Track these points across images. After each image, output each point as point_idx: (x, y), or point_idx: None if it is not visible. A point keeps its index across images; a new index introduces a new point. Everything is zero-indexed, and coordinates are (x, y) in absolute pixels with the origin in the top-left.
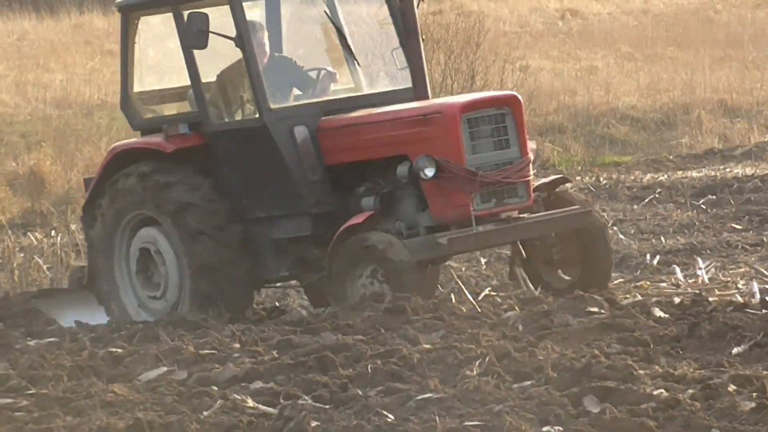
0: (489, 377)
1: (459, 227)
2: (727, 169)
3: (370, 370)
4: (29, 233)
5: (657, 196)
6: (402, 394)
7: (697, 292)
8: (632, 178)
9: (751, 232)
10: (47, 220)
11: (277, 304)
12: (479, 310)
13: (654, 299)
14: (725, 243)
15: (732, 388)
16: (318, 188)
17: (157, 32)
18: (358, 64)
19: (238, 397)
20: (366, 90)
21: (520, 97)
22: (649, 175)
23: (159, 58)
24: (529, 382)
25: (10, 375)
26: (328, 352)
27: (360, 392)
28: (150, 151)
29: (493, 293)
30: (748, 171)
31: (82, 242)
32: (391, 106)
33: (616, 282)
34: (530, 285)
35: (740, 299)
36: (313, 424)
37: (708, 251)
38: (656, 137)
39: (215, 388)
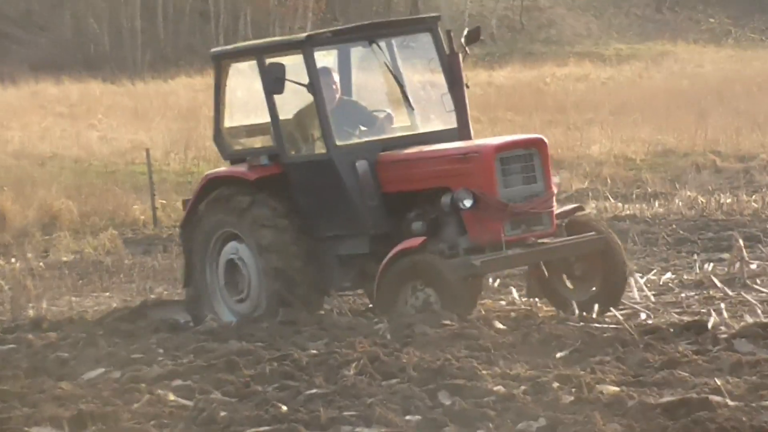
0: (363, 376)
1: (492, 250)
2: None
3: (268, 371)
4: None
5: None
6: (293, 390)
7: (529, 308)
8: None
9: None
10: (8, 250)
11: None
12: (355, 322)
13: (495, 313)
14: None
15: (556, 384)
16: (375, 213)
17: (245, 76)
18: (412, 107)
19: (162, 392)
20: (418, 129)
21: (545, 139)
22: None
23: (246, 98)
24: (395, 380)
25: None
26: (234, 356)
27: (260, 388)
28: (236, 179)
29: None
30: None
31: (37, 268)
32: (438, 144)
33: None
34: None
35: (563, 314)
36: (222, 413)
37: None
38: None
39: (143, 384)
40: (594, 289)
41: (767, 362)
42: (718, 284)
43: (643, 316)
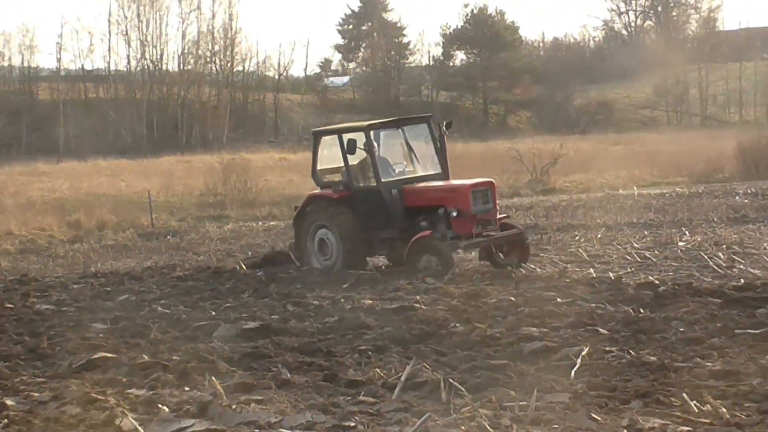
0: (251, 297)
1: (466, 238)
2: None
3: (206, 296)
4: (76, 244)
5: None
6: (218, 305)
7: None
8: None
9: None
10: (81, 239)
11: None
12: (248, 273)
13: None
14: None
15: (325, 300)
16: (402, 216)
17: (329, 143)
18: (418, 161)
19: (155, 306)
20: (420, 173)
21: (494, 181)
22: None
23: (328, 154)
24: (267, 299)
25: (66, 299)
26: (190, 289)
27: (202, 304)
28: (325, 197)
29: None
30: None
31: (95, 247)
32: (435, 181)
33: None
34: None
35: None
36: (184, 316)
37: None
38: None
39: (146, 302)
40: (512, 258)
41: (442, 288)
42: None
43: (382, 265)
